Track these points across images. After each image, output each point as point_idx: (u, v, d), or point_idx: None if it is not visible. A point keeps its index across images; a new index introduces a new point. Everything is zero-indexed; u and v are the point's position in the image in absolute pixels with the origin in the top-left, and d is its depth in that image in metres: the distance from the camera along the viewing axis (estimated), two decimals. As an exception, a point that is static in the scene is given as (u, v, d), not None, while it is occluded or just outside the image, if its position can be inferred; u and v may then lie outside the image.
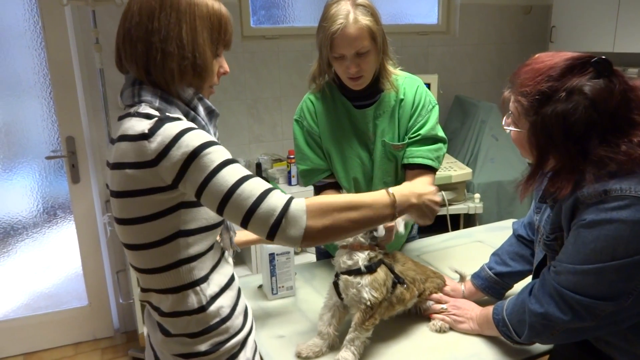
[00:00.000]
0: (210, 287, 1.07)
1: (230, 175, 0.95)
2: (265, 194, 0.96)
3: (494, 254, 1.49)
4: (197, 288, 1.05)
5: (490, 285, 1.44)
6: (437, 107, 1.67)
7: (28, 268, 2.77)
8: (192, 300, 1.05)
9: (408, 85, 1.65)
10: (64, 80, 2.59)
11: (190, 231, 1.03)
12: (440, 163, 1.65)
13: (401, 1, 3.49)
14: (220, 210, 0.96)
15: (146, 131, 0.95)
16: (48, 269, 2.81)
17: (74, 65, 2.59)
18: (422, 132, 1.63)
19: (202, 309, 1.05)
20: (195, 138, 0.95)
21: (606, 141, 1.00)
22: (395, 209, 1.11)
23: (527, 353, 1.29)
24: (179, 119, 0.99)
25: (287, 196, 0.99)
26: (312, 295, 1.59)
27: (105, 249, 2.87)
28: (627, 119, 1.01)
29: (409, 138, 1.65)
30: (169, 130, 0.95)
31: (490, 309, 1.29)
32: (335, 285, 1.32)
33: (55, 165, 2.71)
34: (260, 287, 1.65)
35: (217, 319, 1.07)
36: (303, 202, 0.98)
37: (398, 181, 1.70)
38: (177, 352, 1.07)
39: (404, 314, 1.44)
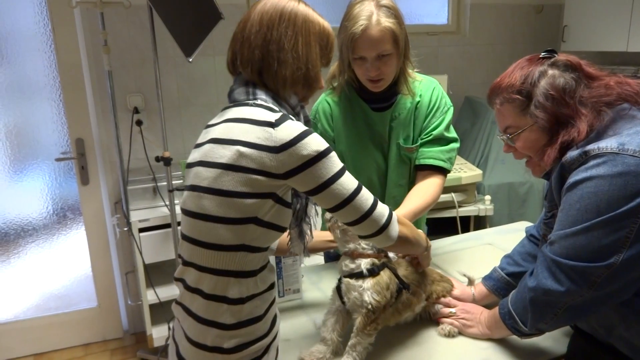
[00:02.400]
0: (254, 285, 1.10)
1: (351, 180, 1.09)
2: (376, 201, 1.12)
3: (505, 256, 1.47)
4: (243, 280, 1.08)
5: (502, 286, 1.42)
6: (452, 109, 1.66)
7: (38, 269, 2.79)
8: (234, 290, 1.07)
9: (425, 87, 1.64)
10: (74, 83, 2.60)
11: (265, 223, 1.07)
12: (452, 164, 1.64)
13: (410, 1, 3.47)
14: (337, 208, 1.07)
15: (273, 120, 1.03)
16: (58, 271, 2.83)
17: (83, 67, 2.60)
18: (434, 132, 1.61)
19: (241, 301, 1.07)
20: (321, 141, 1.05)
21: (590, 88, 1.11)
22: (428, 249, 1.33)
23: (538, 358, 1.26)
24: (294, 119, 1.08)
25: (386, 206, 1.15)
26: (318, 298, 1.58)
27: (114, 251, 2.88)
28: (588, 73, 1.13)
29: (421, 139, 1.63)
30: (295, 126, 1.04)
31: (497, 308, 1.27)
32: (338, 289, 1.30)
33: (65, 167, 2.73)
34: (267, 289, 1.64)
35: (250, 317, 1.08)
36: (392, 211, 1.17)
37: (412, 184, 1.68)
38: (202, 341, 1.08)
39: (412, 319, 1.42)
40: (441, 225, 2.93)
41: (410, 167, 1.67)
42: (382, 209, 1.12)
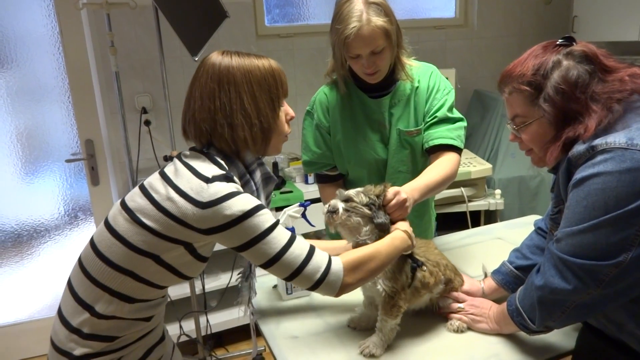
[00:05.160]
0: (127, 310, 1.11)
1: (281, 237, 1.10)
2: (310, 255, 1.12)
3: (514, 250, 1.46)
4: (116, 300, 1.10)
5: (511, 280, 1.41)
6: (452, 91, 1.66)
7: (51, 270, 2.82)
8: (101, 305, 1.09)
9: (422, 72, 1.65)
10: (82, 84, 2.62)
11: (166, 264, 1.10)
12: (463, 142, 1.63)
13: (417, -5, 3.45)
14: (266, 265, 1.10)
15: (210, 176, 1.07)
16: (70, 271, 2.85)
17: (91, 68, 2.62)
18: (438, 114, 1.62)
19: (103, 317, 1.10)
20: (248, 202, 1.07)
21: (604, 81, 1.06)
22: (412, 239, 1.27)
23: (548, 353, 1.25)
24: (234, 180, 1.11)
25: (327, 254, 1.15)
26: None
27: (125, 250, 2.90)
28: (605, 65, 1.08)
29: (426, 122, 1.63)
30: (225, 187, 1.06)
31: (505, 304, 1.26)
32: None
33: (75, 168, 2.75)
34: (275, 287, 1.64)
35: (107, 334, 1.11)
36: (339, 260, 1.15)
37: (414, 170, 1.67)
38: (57, 342, 1.13)
39: (421, 313, 1.42)
40: (451, 220, 2.91)
41: (412, 153, 1.66)
42: (318, 263, 1.12)
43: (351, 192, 1.28)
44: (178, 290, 2.63)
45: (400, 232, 1.26)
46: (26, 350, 2.82)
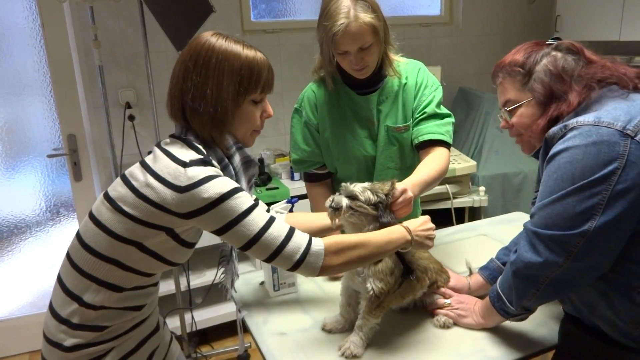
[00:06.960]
0: (114, 299, 1.12)
1: (259, 219, 1.10)
2: (289, 236, 1.11)
3: (502, 248, 1.48)
4: (103, 290, 1.11)
5: (498, 275, 1.41)
6: (440, 88, 1.68)
7: (32, 267, 2.77)
8: (90, 295, 1.10)
9: (410, 69, 1.66)
10: (64, 78, 2.58)
11: (150, 251, 1.11)
12: (451, 138, 1.65)
13: (403, -8, 3.46)
14: (245, 247, 1.10)
15: (187, 160, 1.07)
16: (52, 267, 2.81)
17: (73, 62, 2.58)
18: (427, 110, 1.63)
19: (92, 307, 1.11)
20: (225, 184, 1.07)
21: (588, 67, 1.14)
22: (411, 237, 1.23)
23: (533, 347, 1.27)
24: (213, 165, 1.11)
25: (307, 235, 1.14)
26: (314, 292, 1.58)
27: (108, 247, 2.86)
28: (590, 58, 1.17)
29: (415, 118, 1.64)
30: (202, 170, 1.06)
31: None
32: None
33: (57, 163, 2.70)
34: (262, 283, 1.63)
35: (96, 324, 1.11)
36: (321, 242, 1.14)
37: (402, 167, 1.68)
38: (48, 334, 1.15)
39: (408, 310, 1.43)
40: (436, 216, 2.92)
41: (400, 150, 1.67)
42: (298, 243, 1.11)
43: (357, 189, 1.25)
44: (163, 287, 2.61)
45: (401, 227, 1.24)
46: (5, 348, 2.76)
